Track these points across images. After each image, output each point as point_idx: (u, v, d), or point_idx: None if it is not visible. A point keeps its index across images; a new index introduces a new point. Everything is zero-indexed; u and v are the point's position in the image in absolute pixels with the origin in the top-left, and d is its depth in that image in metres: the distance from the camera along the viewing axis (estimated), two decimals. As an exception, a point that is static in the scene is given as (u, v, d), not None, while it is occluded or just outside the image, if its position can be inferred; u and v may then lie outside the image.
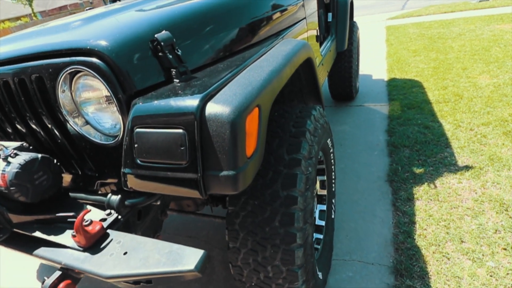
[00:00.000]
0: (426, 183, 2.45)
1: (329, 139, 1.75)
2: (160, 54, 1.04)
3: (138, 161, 0.93)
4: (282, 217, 1.17)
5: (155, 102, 0.90)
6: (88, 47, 0.98)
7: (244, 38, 1.48)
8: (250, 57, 1.23)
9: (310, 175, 1.26)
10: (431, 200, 2.29)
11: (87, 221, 1.08)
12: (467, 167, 2.53)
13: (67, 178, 1.37)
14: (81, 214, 1.04)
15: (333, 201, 2.02)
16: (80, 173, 1.31)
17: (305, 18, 2.23)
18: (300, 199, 1.18)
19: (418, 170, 2.62)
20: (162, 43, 1.02)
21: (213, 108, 0.86)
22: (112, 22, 1.20)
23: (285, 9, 1.95)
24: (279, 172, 1.21)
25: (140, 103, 0.92)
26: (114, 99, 0.98)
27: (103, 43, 0.97)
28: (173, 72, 1.04)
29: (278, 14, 1.84)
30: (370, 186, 2.58)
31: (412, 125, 3.31)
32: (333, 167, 1.96)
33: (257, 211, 1.20)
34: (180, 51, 1.06)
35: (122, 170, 0.98)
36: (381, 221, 2.23)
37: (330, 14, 3.42)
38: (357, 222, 2.26)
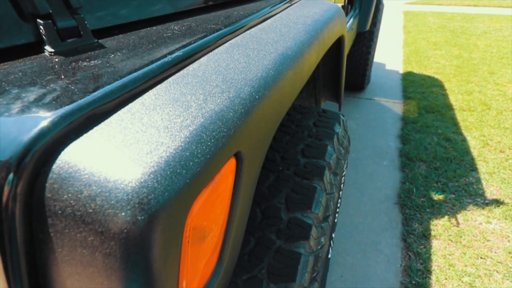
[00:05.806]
0: (446, 216, 1.97)
1: (345, 163, 1.21)
2: None
3: None
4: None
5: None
6: None
7: None
8: (241, 18, 0.62)
9: (321, 252, 0.72)
10: (451, 241, 1.81)
11: None
12: (497, 202, 2.05)
13: None
14: None
15: (333, 235, 1.50)
16: None
17: None
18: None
19: (436, 196, 2.12)
20: None
21: (88, 163, 0.29)
22: None
23: None
24: (270, 243, 0.66)
25: None
26: None
27: None
28: (41, 27, 0.44)
29: None
30: (376, 208, 2.08)
31: (431, 134, 2.79)
32: (341, 192, 1.43)
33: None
34: None
35: None
36: (386, 260, 1.74)
37: None
38: (356, 256, 1.77)
